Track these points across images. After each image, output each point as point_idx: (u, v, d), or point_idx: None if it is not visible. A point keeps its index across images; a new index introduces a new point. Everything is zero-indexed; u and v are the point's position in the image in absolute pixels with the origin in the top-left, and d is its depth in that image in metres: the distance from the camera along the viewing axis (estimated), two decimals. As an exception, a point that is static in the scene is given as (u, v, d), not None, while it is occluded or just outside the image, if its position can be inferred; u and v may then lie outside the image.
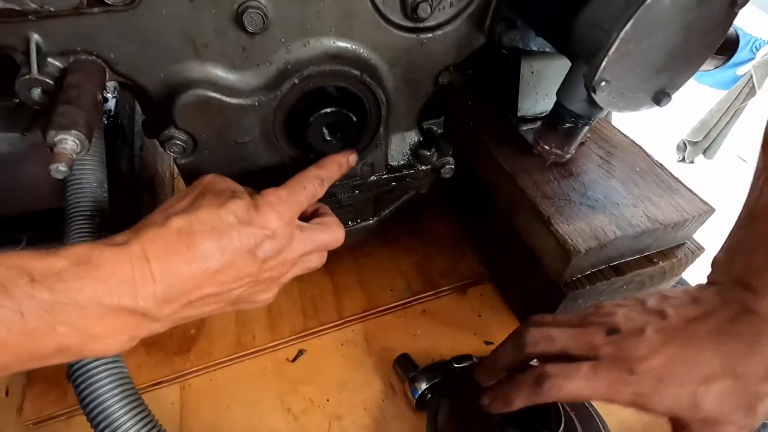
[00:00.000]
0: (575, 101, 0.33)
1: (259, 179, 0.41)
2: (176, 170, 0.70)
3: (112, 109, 0.55)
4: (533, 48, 0.45)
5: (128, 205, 0.51)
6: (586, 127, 0.35)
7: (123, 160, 0.53)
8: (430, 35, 0.38)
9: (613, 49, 0.28)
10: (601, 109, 0.32)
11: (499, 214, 0.54)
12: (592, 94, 0.30)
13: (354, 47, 0.36)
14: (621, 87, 0.31)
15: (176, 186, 0.70)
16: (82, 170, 0.37)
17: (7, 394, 0.51)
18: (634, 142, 0.54)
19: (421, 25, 0.37)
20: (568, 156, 0.37)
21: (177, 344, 0.54)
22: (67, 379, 0.34)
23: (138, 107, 0.62)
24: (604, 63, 0.28)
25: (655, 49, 0.30)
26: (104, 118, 0.54)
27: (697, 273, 0.48)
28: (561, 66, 0.50)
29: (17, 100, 0.34)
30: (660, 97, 0.32)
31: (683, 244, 0.49)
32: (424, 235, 0.66)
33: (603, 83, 0.29)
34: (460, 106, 0.61)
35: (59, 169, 0.23)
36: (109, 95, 0.55)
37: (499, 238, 0.56)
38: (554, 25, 0.34)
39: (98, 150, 0.38)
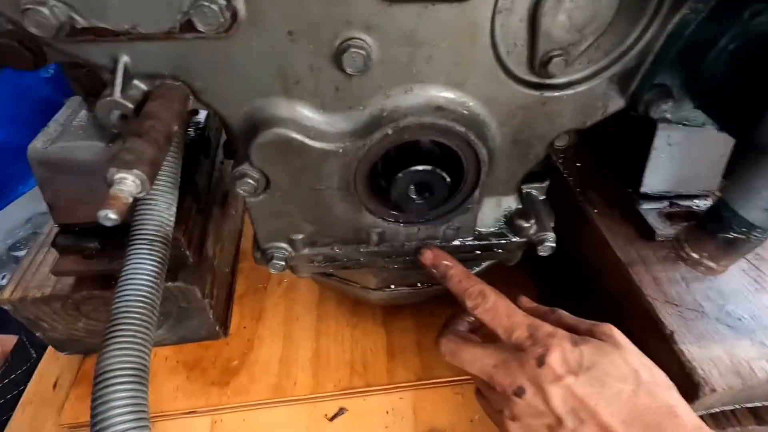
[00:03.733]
0: (754, 209, 0.24)
1: (328, 225, 0.37)
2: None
3: (202, 121, 0.55)
4: (683, 119, 0.36)
5: (197, 219, 0.50)
6: (761, 242, 0.26)
7: (201, 174, 0.52)
8: (556, 94, 0.31)
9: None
10: (792, 225, 0.23)
11: (597, 306, 0.44)
12: (790, 210, 0.21)
13: (463, 99, 0.31)
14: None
15: (249, 201, 0.69)
16: (154, 190, 0.35)
17: (54, 387, 0.52)
18: (794, 246, 0.42)
19: (548, 81, 0.31)
20: (722, 271, 0.28)
21: (218, 374, 0.51)
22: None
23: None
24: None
25: None
26: (192, 130, 0.54)
27: None
28: (709, 142, 0.41)
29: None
30: None
31: None
32: (497, 300, 0.58)
33: (814, 200, 0.21)
34: (564, 163, 0.53)
35: (108, 216, 0.20)
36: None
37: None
38: (734, 107, 0.26)
39: (174, 168, 0.36)
